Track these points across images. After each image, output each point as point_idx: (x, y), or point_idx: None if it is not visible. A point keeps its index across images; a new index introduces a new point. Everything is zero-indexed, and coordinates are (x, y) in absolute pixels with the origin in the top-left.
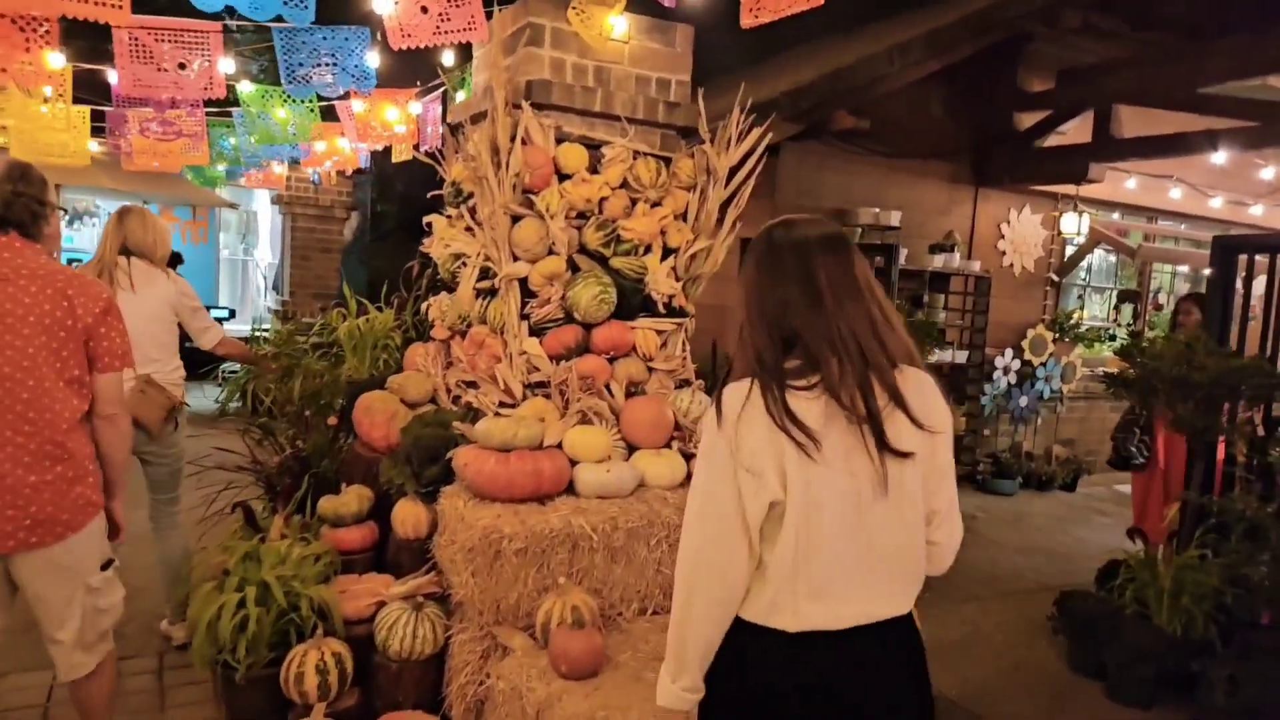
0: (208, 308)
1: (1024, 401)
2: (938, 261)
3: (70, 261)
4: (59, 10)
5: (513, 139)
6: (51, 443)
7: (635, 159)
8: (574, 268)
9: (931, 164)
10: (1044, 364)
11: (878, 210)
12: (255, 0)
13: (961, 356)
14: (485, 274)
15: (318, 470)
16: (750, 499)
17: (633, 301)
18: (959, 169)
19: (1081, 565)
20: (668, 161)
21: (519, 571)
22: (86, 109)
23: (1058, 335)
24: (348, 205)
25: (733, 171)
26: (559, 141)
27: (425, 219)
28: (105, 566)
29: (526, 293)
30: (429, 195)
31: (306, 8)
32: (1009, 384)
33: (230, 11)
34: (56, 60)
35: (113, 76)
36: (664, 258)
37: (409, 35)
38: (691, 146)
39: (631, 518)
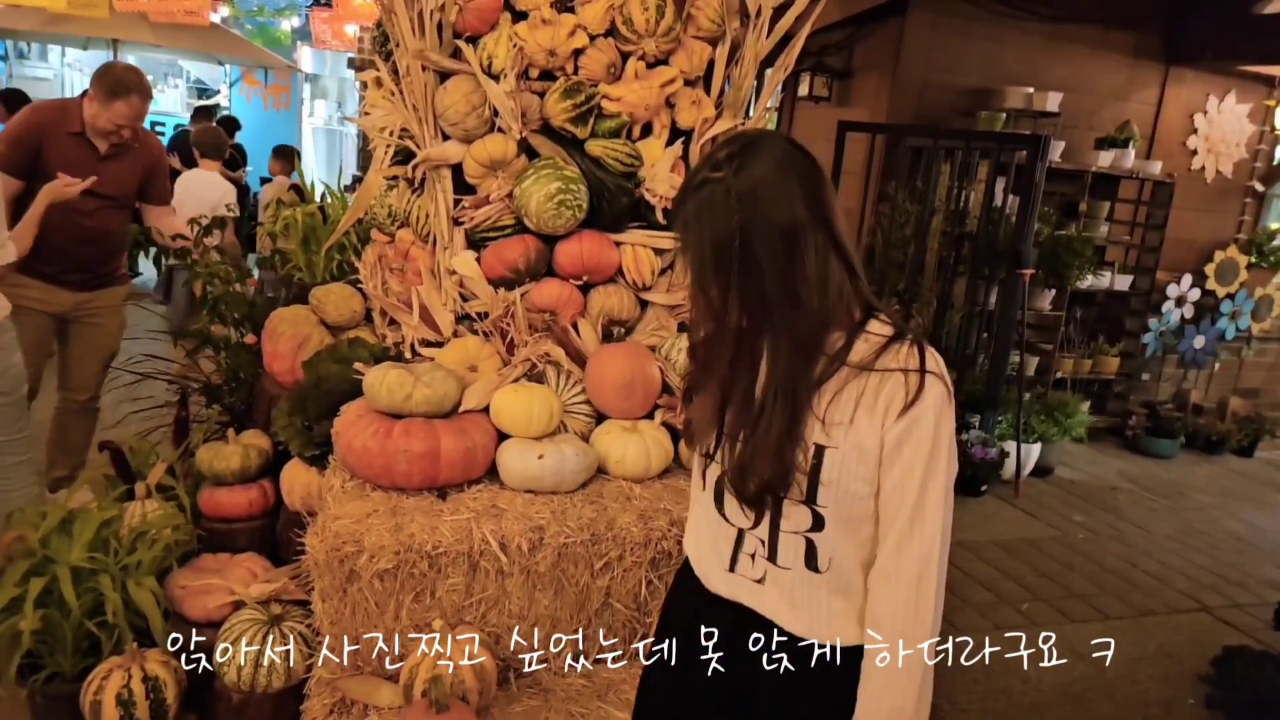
0: None
1: (1199, 342)
2: (1105, 160)
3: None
4: None
5: None
6: None
7: None
8: (531, 153)
9: (1110, 33)
10: (1231, 295)
11: (1031, 90)
12: None
13: (1123, 282)
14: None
15: (231, 402)
16: None
17: (617, 205)
18: (1146, 40)
19: (1257, 571)
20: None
21: (385, 600)
22: None
23: (1254, 260)
24: None
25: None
26: None
27: (358, 78)
28: None
29: (465, 187)
30: None
31: None
32: (1182, 318)
33: None
34: None
35: None
36: (670, 142)
37: None
38: None
39: (569, 528)
